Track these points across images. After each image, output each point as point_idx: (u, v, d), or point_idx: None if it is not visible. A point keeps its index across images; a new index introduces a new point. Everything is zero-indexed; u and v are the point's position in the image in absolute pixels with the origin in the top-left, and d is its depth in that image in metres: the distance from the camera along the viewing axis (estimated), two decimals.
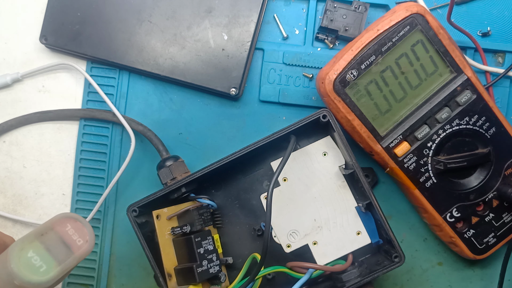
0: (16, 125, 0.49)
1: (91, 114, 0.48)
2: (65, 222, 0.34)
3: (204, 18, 0.47)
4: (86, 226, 0.34)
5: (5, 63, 0.50)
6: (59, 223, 0.33)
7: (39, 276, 0.31)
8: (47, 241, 0.33)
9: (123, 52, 0.47)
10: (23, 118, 0.48)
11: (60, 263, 0.32)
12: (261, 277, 0.42)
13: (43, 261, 0.32)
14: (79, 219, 0.34)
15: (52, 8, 0.48)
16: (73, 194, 0.49)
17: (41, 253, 0.32)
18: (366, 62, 0.41)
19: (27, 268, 0.31)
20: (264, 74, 0.48)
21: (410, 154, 0.43)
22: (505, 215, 0.45)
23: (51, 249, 0.32)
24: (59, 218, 0.34)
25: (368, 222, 0.44)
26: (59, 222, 0.33)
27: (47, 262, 0.32)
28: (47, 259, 0.32)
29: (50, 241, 0.33)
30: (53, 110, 0.48)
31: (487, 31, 0.48)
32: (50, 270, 0.32)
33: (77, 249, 0.33)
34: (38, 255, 0.32)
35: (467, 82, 0.42)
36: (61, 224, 0.33)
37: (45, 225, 0.33)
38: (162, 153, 0.45)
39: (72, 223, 0.34)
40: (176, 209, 0.42)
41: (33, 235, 0.33)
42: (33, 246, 0.32)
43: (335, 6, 0.46)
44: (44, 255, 0.32)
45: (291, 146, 0.41)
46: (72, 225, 0.34)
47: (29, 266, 0.31)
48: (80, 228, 0.34)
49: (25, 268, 0.31)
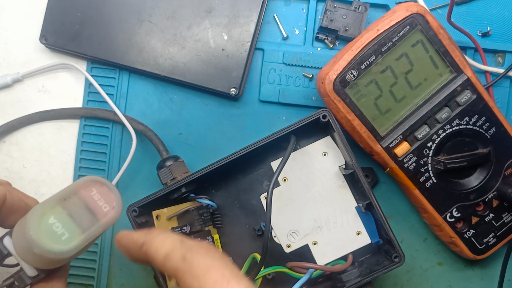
0: (18, 125, 0.48)
1: (93, 113, 0.48)
2: (90, 186, 0.30)
3: (204, 18, 0.47)
4: (113, 191, 0.31)
5: (5, 63, 0.50)
6: (84, 187, 0.30)
7: (61, 244, 0.28)
8: (70, 206, 0.29)
9: (123, 52, 0.47)
10: (24, 118, 0.48)
11: (84, 231, 0.29)
12: (261, 277, 0.42)
13: (66, 228, 0.29)
14: (106, 183, 0.31)
15: (52, 8, 0.48)
16: None
17: (63, 219, 0.29)
18: (366, 62, 0.41)
19: (48, 235, 0.28)
20: (264, 74, 0.48)
21: (410, 154, 0.43)
22: (505, 215, 0.45)
23: (75, 216, 0.29)
24: (83, 182, 0.30)
25: (368, 222, 0.44)
26: (83, 186, 0.30)
27: (70, 230, 0.29)
28: (70, 226, 0.29)
29: (74, 207, 0.29)
30: (54, 109, 0.48)
31: (487, 31, 0.48)
32: (73, 239, 0.29)
33: (103, 216, 0.30)
34: (60, 222, 0.28)
35: (467, 82, 0.42)
36: (86, 188, 0.30)
37: (68, 189, 0.30)
38: (162, 153, 0.45)
39: (98, 187, 0.30)
40: (176, 209, 0.42)
41: (55, 199, 0.29)
42: (54, 212, 0.29)
43: (335, 6, 0.46)
44: (67, 221, 0.29)
45: (291, 146, 0.41)
46: (98, 190, 0.30)
47: (50, 234, 0.28)
48: (106, 193, 0.31)
49: (46, 236, 0.28)
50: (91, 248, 0.48)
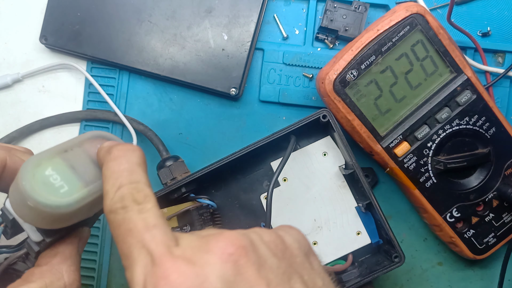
0: (19, 136, 0.48)
1: (93, 115, 0.48)
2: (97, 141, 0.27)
3: (204, 18, 0.47)
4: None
5: (5, 63, 0.50)
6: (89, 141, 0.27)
7: (58, 197, 0.24)
8: (72, 158, 0.26)
9: (123, 52, 0.47)
10: (24, 128, 0.48)
11: (87, 184, 0.26)
12: None
13: (65, 180, 0.25)
14: (114, 138, 0.28)
15: (52, 8, 0.48)
16: None
17: (63, 170, 0.25)
18: (366, 62, 0.41)
19: (44, 187, 0.24)
20: (264, 74, 0.48)
21: (410, 154, 0.43)
22: (505, 215, 0.45)
23: (77, 168, 0.26)
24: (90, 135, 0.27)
25: (368, 222, 0.44)
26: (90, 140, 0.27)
27: (70, 182, 0.25)
28: (70, 178, 0.25)
29: (76, 159, 0.26)
30: (54, 116, 0.48)
31: (487, 31, 0.48)
32: (73, 191, 0.25)
33: None
34: (59, 174, 0.25)
35: (467, 82, 0.42)
36: (91, 142, 0.27)
37: (71, 141, 0.27)
38: (162, 153, 0.45)
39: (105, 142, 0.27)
40: (176, 209, 0.42)
41: (55, 150, 0.26)
42: (53, 163, 0.25)
43: (335, 6, 0.46)
44: (67, 173, 0.25)
45: (291, 146, 0.41)
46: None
47: (45, 185, 0.24)
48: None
49: (41, 187, 0.24)
50: (91, 248, 0.48)
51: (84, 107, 0.49)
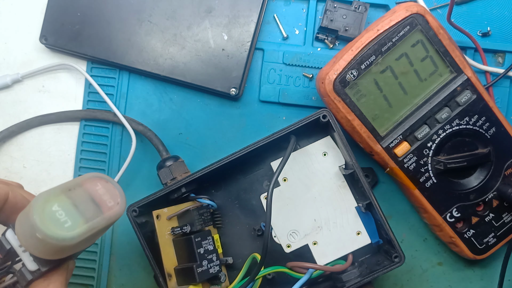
0: (18, 130, 0.48)
1: (92, 114, 0.48)
2: (96, 181, 0.30)
3: (204, 18, 0.47)
4: (118, 189, 0.31)
5: (5, 63, 0.50)
6: (89, 181, 0.30)
7: (64, 231, 0.28)
8: (74, 196, 0.29)
9: (123, 52, 0.47)
10: (24, 123, 0.48)
11: (87, 221, 0.29)
12: (261, 277, 0.42)
13: (69, 216, 0.28)
14: (111, 180, 0.31)
15: (52, 8, 0.48)
16: None
17: (67, 207, 0.28)
18: (366, 62, 0.41)
19: (51, 221, 0.28)
20: (264, 74, 0.48)
21: (410, 154, 0.43)
22: (505, 215, 0.45)
23: (79, 206, 0.29)
24: (89, 176, 0.31)
25: (368, 222, 0.44)
26: (89, 181, 0.30)
27: (73, 218, 0.28)
28: (73, 215, 0.29)
29: (78, 197, 0.29)
30: (54, 113, 0.48)
31: (487, 31, 0.48)
32: (75, 227, 0.28)
33: (107, 209, 0.30)
34: (64, 210, 0.28)
35: (467, 82, 0.42)
36: (92, 182, 0.30)
37: (74, 181, 0.30)
38: (162, 153, 0.45)
39: (103, 183, 0.31)
40: (176, 209, 0.42)
41: (60, 189, 0.29)
42: (59, 200, 0.28)
43: (335, 6, 0.46)
44: (71, 210, 0.29)
45: (291, 146, 0.41)
46: (103, 185, 0.30)
47: (53, 220, 0.28)
48: (111, 189, 0.31)
49: (49, 221, 0.28)
50: (91, 248, 0.48)
51: (84, 107, 0.49)
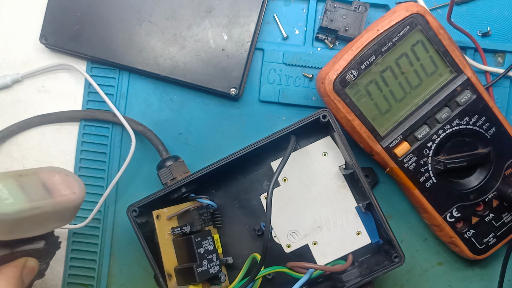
0: (18, 130, 0.48)
1: (92, 115, 0.48)
2: (54, 173, 0.31)
3: (204, 18, 0.47)
4: (78, 182, 0.31)
5: (5, 63, 0.50)
6: (47, 172, 0.30)
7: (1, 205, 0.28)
8: (24, 181, 0.29)
9: (123, 52, 0.47)
10: (24, 122, 0.48)
11: (31, 201, 0.29)
12: (261, 277, 0.42)
13: (12, 195, 0.29)
14: (71, 175, 0.31)
15: (52, 8, 0.48)
16: None
17: (11, 188, 0.29)
18: (366, 62, 0.41)
19: None
20: (264, 74, 0.48)
21: (410, 154, 0.43)
22: (505, 215, 0.45)
23: (26, 188, 0.29)
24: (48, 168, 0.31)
25: (368, 222, 0.44)
26: (47, 171, 0.30)
27: (16, 197, 0.29)
28: (16, 194, 0.29)
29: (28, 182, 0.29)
30: (53, 113, 0.48)
31: (487, 31, 0.48)
32: (16, 204, 0.29)
33: (59, 196, 0.30)
34: (7, 189, 0.29)
35: (467, 82, 0.42)
36: (49, 173, 0.30)
37: (30, 169, 0.30)
38: (162, 153, 0.45)
39: (63, 176, 0.31)
40: (176, 209, 0.42)
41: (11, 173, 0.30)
42: (5, 181, 0.29)
43: (335, 6, 0.46)
44: (14, 190, 0.29)
45: (291, 146, 0.41)
46: (61, 177, 0.31)
47: None
48: (70, 182, 0.31)
49: None
50: (91, 248, 0.48)
51: (84, 107, 0.49)
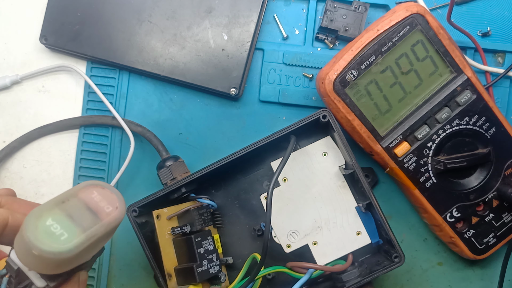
0: (19, 145, 0.48)
1: (91, 120, 0.48)
2: (91, 189, 0.30)
3: (204, 18, 0.47)
4: (116, 193, 0.30)
5: (5, 63, 0.50)
6: (84, 190, 0.29)
7: (60, 244, 0.27)
8: (69, 208, 0.29)
9: (123, 52, 0.47)
10: (24, 137, 0.48)
11: (84, 230, 0.28)
12: (261, 277, 0.42)
13: (64, 228, 0.28)
14: (107, 186, 0.30)
15: (52, 8, 0.48)
16: None
17: (61, 220, 0.28)
18: (366, 62, 0.41)
19: (46, 236, 0.27)
20: (264, 74, 0.48)
21: (410, 154, 0.43)
22: (505, 215, 0.45)
23: (74, 216, 0.28)
24: (84, 185, 0.30)
25: (368, 222, 0.44)
26: (84, 189, 0.30)
27: (69, 230, 0.28)
28: (68, 226, 0.28)
29: (73, 208, 0.29)
30: (52, 123, 0.48)
31: (487, 31, 0.48)
32: (72, 238, 0.28)
33: (105, 216, 0.29)
34: (58, 223, 0.28)
35: (467, 82, 0.42)
36: (86, 191, 0.30)
37: (68, 192, 0.30)
38: (162, 153, 0.45)
39: (99, 190, 0.30)
40: (176, 209, 0.42)
41: (53, 202, 0.29)
42: (52, 214, 0.28)
43: (335, 6, 0.46)
44: (65, 222, 0.28)
45: (291, 146, 0.41)
46: (99, 192, 0.30)
47: (47, 234, 0.27)
48: (108, 195, 0.30)
49: (43, 236, 0.27)
50: None
51: (84, 107, 0.49)
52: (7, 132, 0.49)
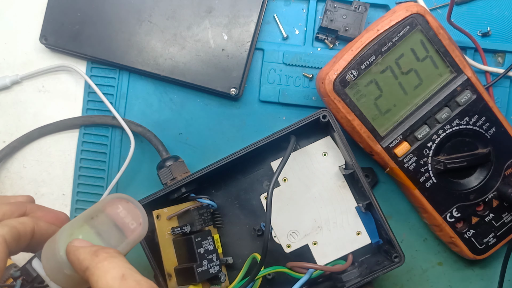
0: (19, 145, 0.48)
1: (91, 120, 0.48)
2: (116, 204, 0.31)
3: (204, 18, 0.47)
4: (138, 208, 0.31)
5: (5, 63, 0.50)
6: (110, 205, 0.31)
7: None
8: (98, 225, 0.30)
9: (123, 52, 0.47)
10: (24, 137, 0.48)
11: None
12: (261, 277, 0.42)
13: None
14: (131, 200, 0.31)
15: (52, 8, 0.48)
16: (73, 194, 0.49)
17: (92, 238, 0.29)
18: (366, 62, 0.41)
19: None
20: (264, 74, 0.48)
21: (410, 154, 0.43)
22: (505, 215, 0.45)
23: (103, 234, 0.29)
24: (109, 199, 0.31)
25: (368, 222, 0.44)
26: (110, 204, 0.31)
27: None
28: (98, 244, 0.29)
29: (101, 225, 0.30)
30: (52, 123, 0.48)
31: (487, 31, 0.48)
32: None
33: (130, 233, 0.30)
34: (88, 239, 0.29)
35: (467, 82, 0.42)
36: (112, 205, 0.31)
37: (95, 207, 0.30)
38: (162, 153, 0.45)
39: (124, 204, 0.31)
40: (176, 209, 0.42)
41: (83, 218, 0.30)
42: (83, 231, 0.29)
43: (335, 6, 0.46)
44: (95, 240, 0.29)
45: (291, 146, 0.41)
46: (124, 207, 0.31)
47: None
48: (132, 210, 0.31)
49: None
50: None
51: (84, 107, 0.49)
52: (7, 132, 0.49)
